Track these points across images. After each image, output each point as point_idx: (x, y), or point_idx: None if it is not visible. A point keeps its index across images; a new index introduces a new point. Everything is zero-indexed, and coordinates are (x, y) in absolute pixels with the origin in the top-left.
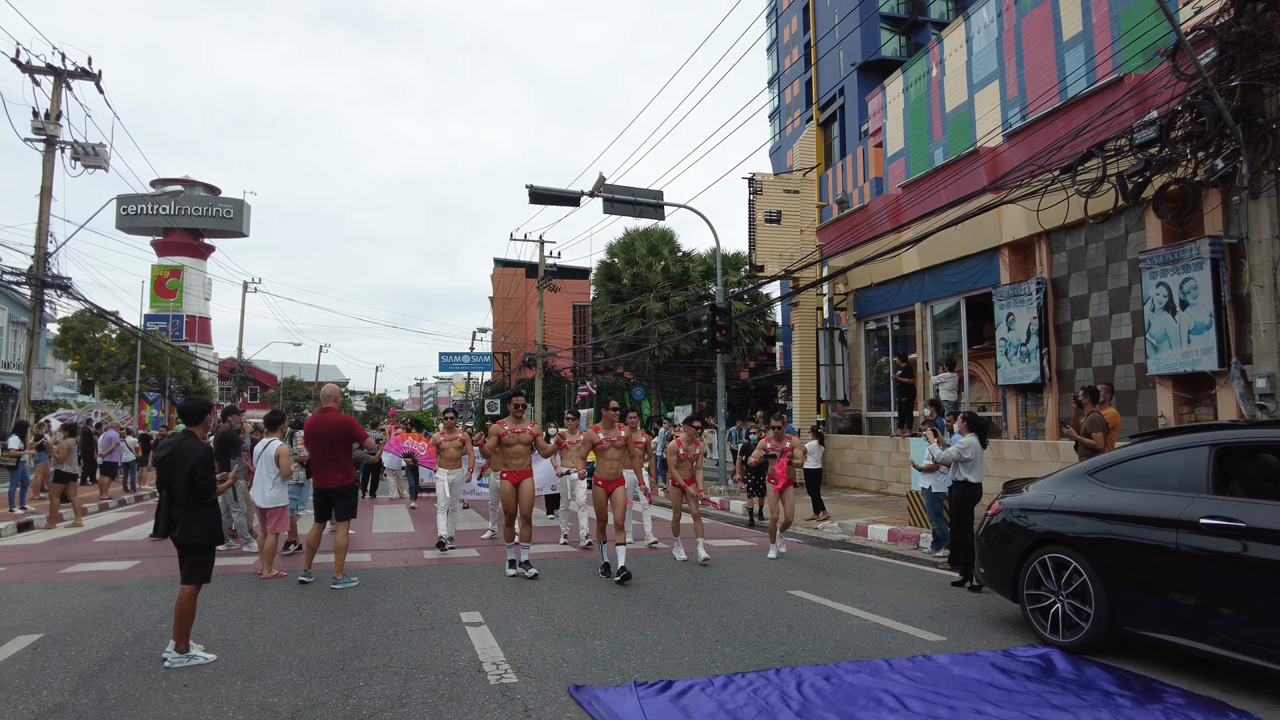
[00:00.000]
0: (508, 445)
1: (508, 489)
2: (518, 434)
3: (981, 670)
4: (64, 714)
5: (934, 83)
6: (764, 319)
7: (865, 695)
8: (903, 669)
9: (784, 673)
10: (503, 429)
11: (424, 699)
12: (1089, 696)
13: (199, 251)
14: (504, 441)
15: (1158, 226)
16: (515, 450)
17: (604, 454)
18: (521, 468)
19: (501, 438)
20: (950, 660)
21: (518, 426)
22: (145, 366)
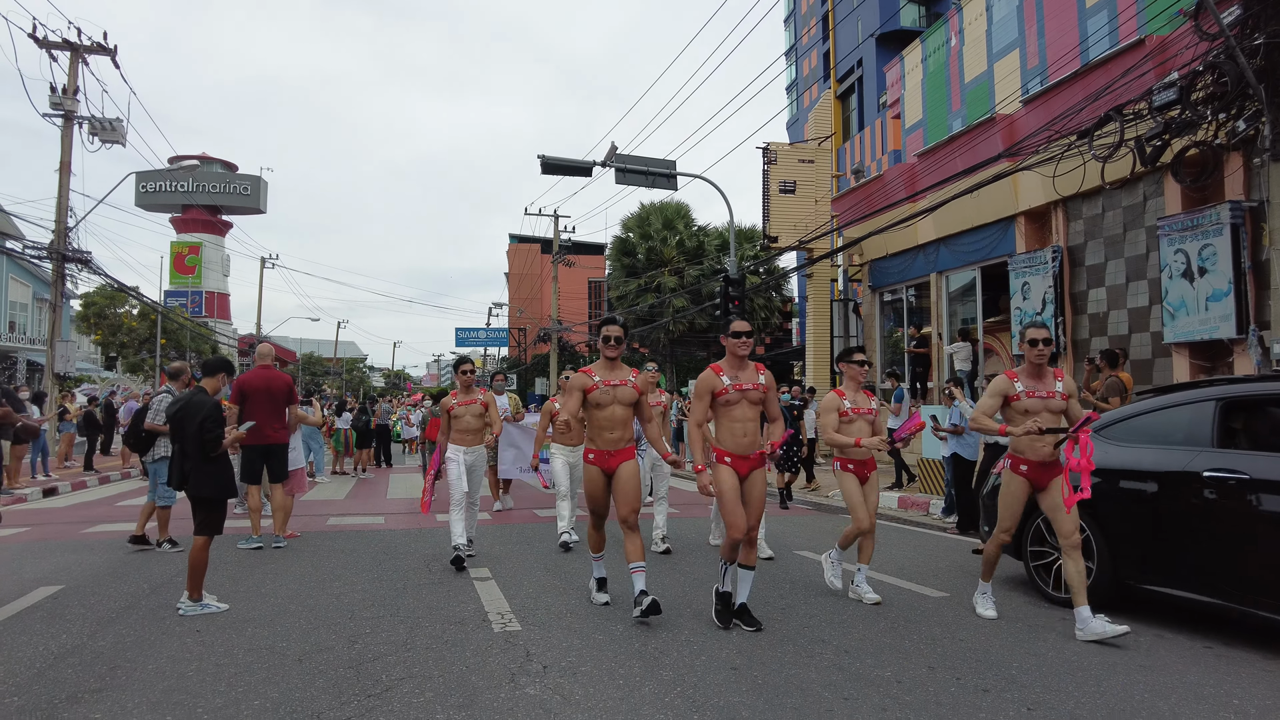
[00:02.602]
0: (599, 406)
1: (596, 478)
2: (613, 389)
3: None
4: (82, 654)
5: (953, 53)
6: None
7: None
8: None
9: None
10: (590, 380)
11: (428, 645)
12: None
13: (217, 228)
14: (593, 400)
15: (1176, 192)
16: (610, 416)
17: (599, 410)
18: (619, 444)
19: (588, 392)
20: None
21: (612, 376)
22: (165, 341)
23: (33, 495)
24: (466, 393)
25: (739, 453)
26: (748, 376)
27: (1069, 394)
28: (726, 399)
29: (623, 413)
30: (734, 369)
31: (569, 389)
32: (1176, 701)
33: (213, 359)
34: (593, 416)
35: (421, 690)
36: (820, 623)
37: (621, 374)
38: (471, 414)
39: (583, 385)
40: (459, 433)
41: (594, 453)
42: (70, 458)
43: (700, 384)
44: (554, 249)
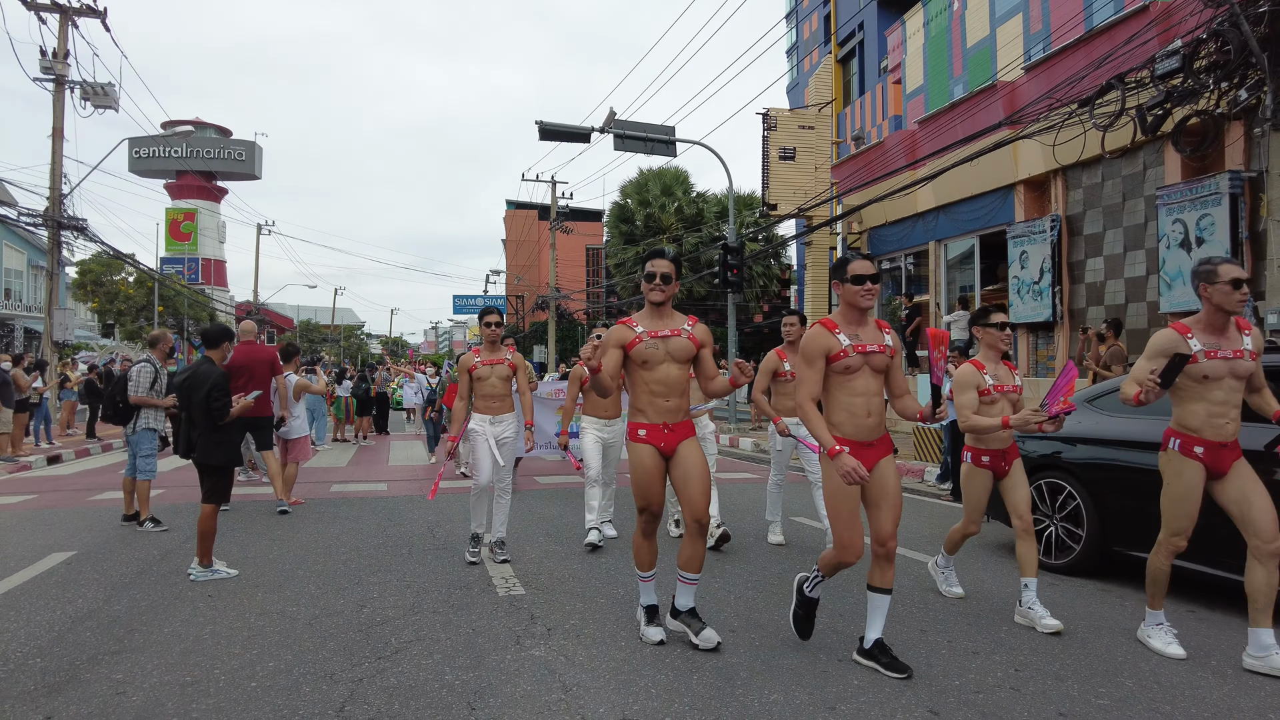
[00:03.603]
0: (646, 366)
1: (649, 463)
2: (663, 341)
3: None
4: (98, 618)
5: (955, 17)
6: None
7: None
8: None
9: None
10: (630, 332)
11: (435, 608)
12: None
13: (212, 194)
14: (637, 358)
15: (1176, 162)
16: (663, 378)
17: (648, 371)
18: (677, 414)
19: (629, 348)
20: None
21: (661, 325)
22: (163, 309)
23: (37, 463)
24: (492, 350)
25: (860, 438)
26: (871, 335)
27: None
28: (846, 364)
29: (678, 372)
30: (853, 324)
31: (604, 345)
32: (1157, 663)
33: (213, 328)
34: (639, 380)
35: (430, 652)
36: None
37: (673, 322)
38: (499, 376)
39: (621, 340)
40: (483, 399)
41: (645, 427)
42: (72, 425)
43: (810, 345)
44: (552, 216)
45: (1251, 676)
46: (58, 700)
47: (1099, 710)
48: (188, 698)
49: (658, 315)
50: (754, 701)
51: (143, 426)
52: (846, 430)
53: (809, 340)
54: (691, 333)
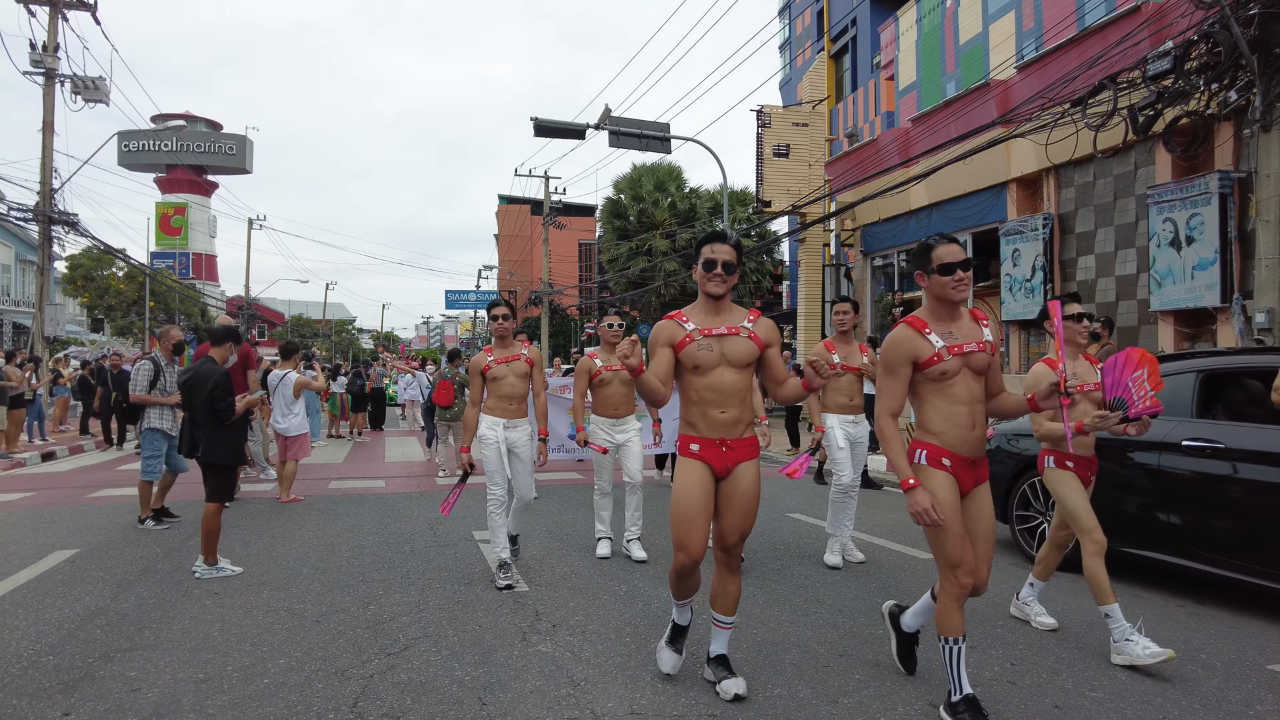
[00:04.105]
0: (699, 370)
1: (699, 484)
2: (719, 341)
3: None
4: (107, 616)
5: (948, 13)
6: (771, 256)
7: None
8: None
9: None
10: (679, 329)
11: (440, 605)
12: None
13: (202, 188)
14: (689, 361)
15: (1167, 161)
16: (718, 385)
17: (700, 376)
18: (737, 429)
19: (679, 349)
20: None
21: (717, 322)
22: (154, 304)
23: (31, 460)
24: (504, 346)
25: (965, 452)
26: (967, 332)
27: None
28: (941, 370)
29: (736, 379)
30: (944, 321)
31: (653, 344)
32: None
33: (219, 328)
34: (689, 387)
35: (438, 648)
36: (815, 583)
37: (731, 318)
38: (515, 374)
39: (670, 338)
40: (497, 399)
41: (698, 442)
42: (65, 421)
43: (892, 350)
44: (545, 211)
45: (1240, 668)
46: (74, 697)
47: (1092, 702)
48: (202, 694)
49: (713, 310)
50: (758, 696)
51: (147, 426)
52: (949, 440)
53: (893, 345)
54: (753, 330)
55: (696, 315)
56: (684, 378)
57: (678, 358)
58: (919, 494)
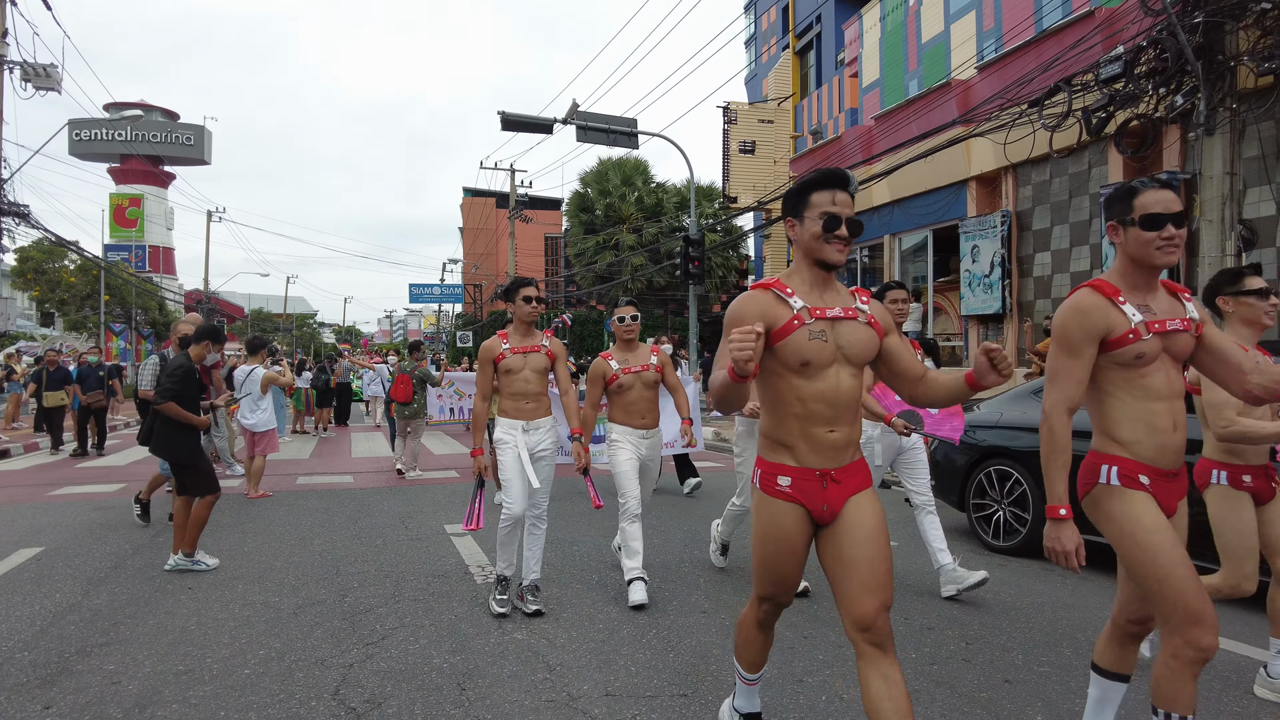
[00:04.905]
0: (803, 371)
1: (793, 528)
2: (831, 328)
3: None
4: (80, 612)
5: (910, 12)
6: (737, 251)
7: None
8: None
9: None
10: (785, 306)
11: (415, 596)
12: None
13: (159, 179)
14: (787, 355)
15: (1119, 161)
16: (826, 392)
17: (805, 380)
18: (845, 453)
19: (778, 338)
20: None
21: (827, 300)
22: (109, 298)
23: None
24: (526, 335)
25: (1164, 464)
26: (1165, 305)
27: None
28: (1138, 351)
29: (852, 385)
30: (1140, 290)
31: (733, 323)
32: (1093, 633)
33: (205, 327)
34: (784, 392)
35: (415, 638)
36: None
37: (841, 297)
38: (533, 368)
39: (767, 319)
40: (511, 398)
41: (791, 474)
42: (17, 419)
43: (1075, 322)
44: (511, 204)
45: None
46: (53, 691)
47: (1039, 676)
48: (184, 685)
49: (823, 284)
50: (727, 676)
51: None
52: (1144, 452)
53: (1077, 315)
54: (871, 314)
55: (802, 289)
56: (776, 379)
57: (772, 348)
58: (1066, 531)
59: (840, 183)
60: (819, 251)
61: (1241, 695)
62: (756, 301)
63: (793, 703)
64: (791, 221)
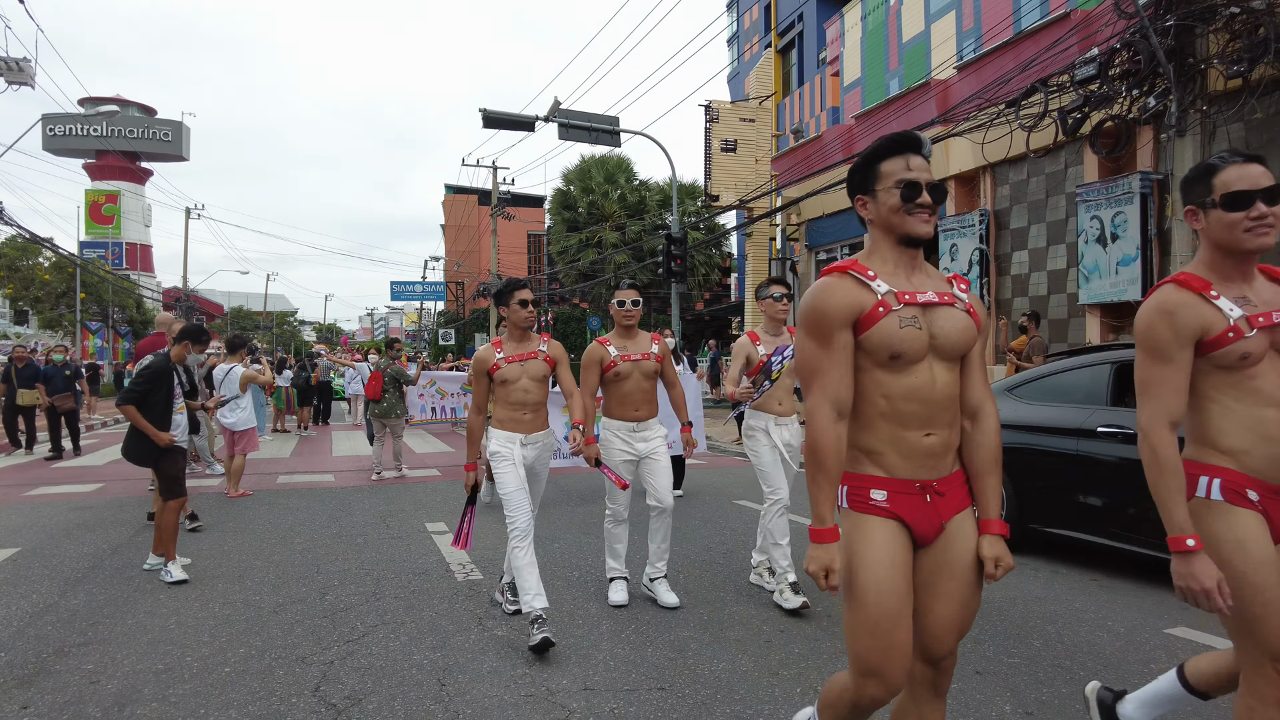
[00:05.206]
0: (900, 359)
1: (887, 554)
2: (925, 313)
3: None
4: (57, 612)
5: (891, 11)
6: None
7: None
8: None
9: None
10: (867, 292)
11: (396, 594)
12: None
13: (136, 175)
14: (878, 343)
15: (1094, 162)
16: (923, 387)
17: (892, 373)
18: (944, 462)
19: (860, 327)
20: None
21: (924, 283)
22: (85, 295)
23: None
24: (521, 340)
25: (1278, 480)
26: (1266, 294)
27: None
28: (1243, 350)
29: (949, 380)
30: (1234, 281)
31: (814, 320)
32: (1062, 625)
33: (186, 327)
34: (873, 389)
35: (396, 634)
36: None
37: (933, 280)
38: (531, 376)
39: (852, 307)
40: (508, 409)
41: (884, 485)
42: None
43: (1163, 324)
44: (493, 202)
45: (1141, 634)
46: (31, 691)
47: (1009, 668)
48: (163, 684)
49: (909, 264)
50: (704, 670)
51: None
52: (1254, 464)
53: (1160, 316)
54: (970, 303)
55: (885, 270)
56: (861, 375)
57: (857, 340)
58: (1200, 565)
59: (912, 145)
60: (901, 225)
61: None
62: (840, 291)
63: (768, 695)
64: (862, 199)
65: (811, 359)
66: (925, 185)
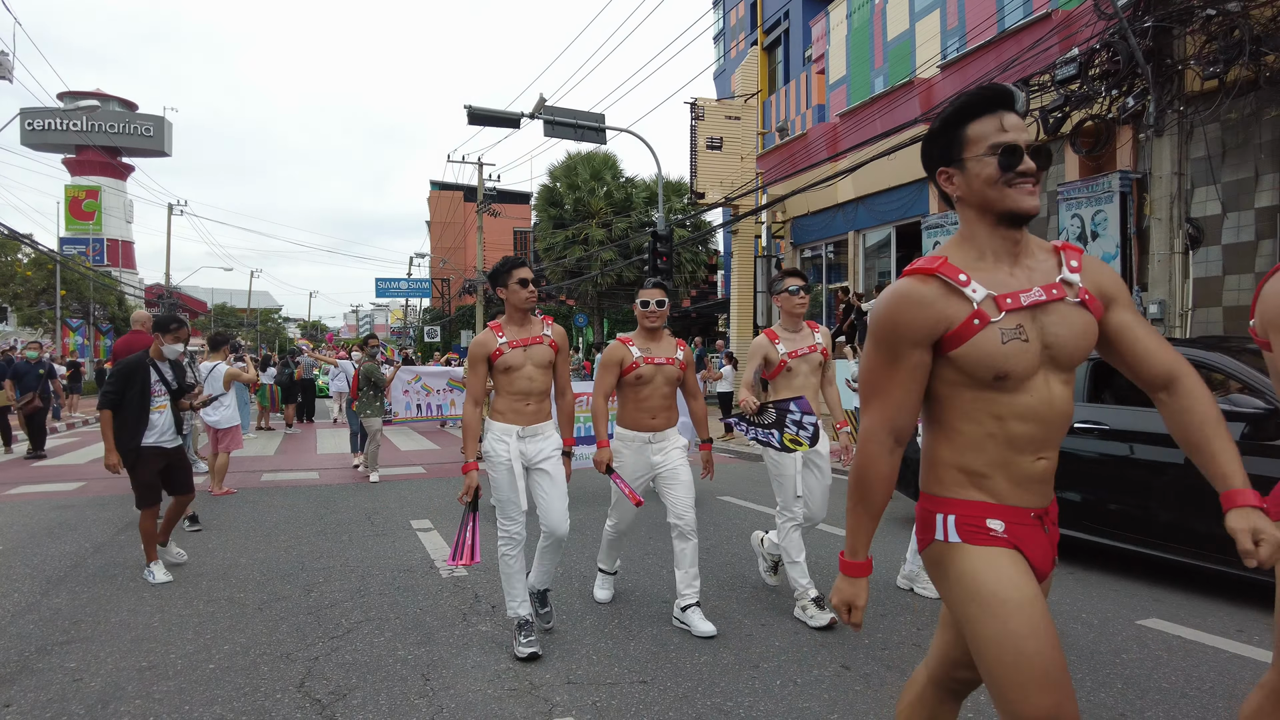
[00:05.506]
0: (1009, 379)
1: (1029, 596)
2: (1038, 313)
3: None
4: (39, 611)
5: (877, 10)
6: (706, 247)
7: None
8: None
9: None
10: (959, 300)
11: (381, 591)
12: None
13: (117, 171)
14: (978, 360)
15: (1075, 161)
16: (1041, 405)
17: (1005, 392)
18: (1049, 486)
19: (954, 340)
20: None
21: (1024, 278)
22: (65, 292)
23: None
24: (523, 325)
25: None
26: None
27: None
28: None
29: (1064, 394)
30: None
31: (884, 332)
32: None
33: (158, 318)
34: (972, 404)
35: (381, 630)
36: (740, 560)
37: (1042, 267)
38: (534, 363)
39: (930, 313)
40: (510, 399)
41: (1000, 513)
42: None
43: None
44: (479, 198)
45: (1113, 624)
46: (13, 689)
47: None
48: (147, 681)
49: (1010, 252)
50: (685, 663)
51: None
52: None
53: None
54: (1084, 286)
55: (980, 266)
56: (959, 392)
57: (946, 357)
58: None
59: (1004, 100)
60: (1000, 201)
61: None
62: (921, 302)
63: (748, 687)
64: (947, 172)
65: (875, 375)
66: (1026, 149)
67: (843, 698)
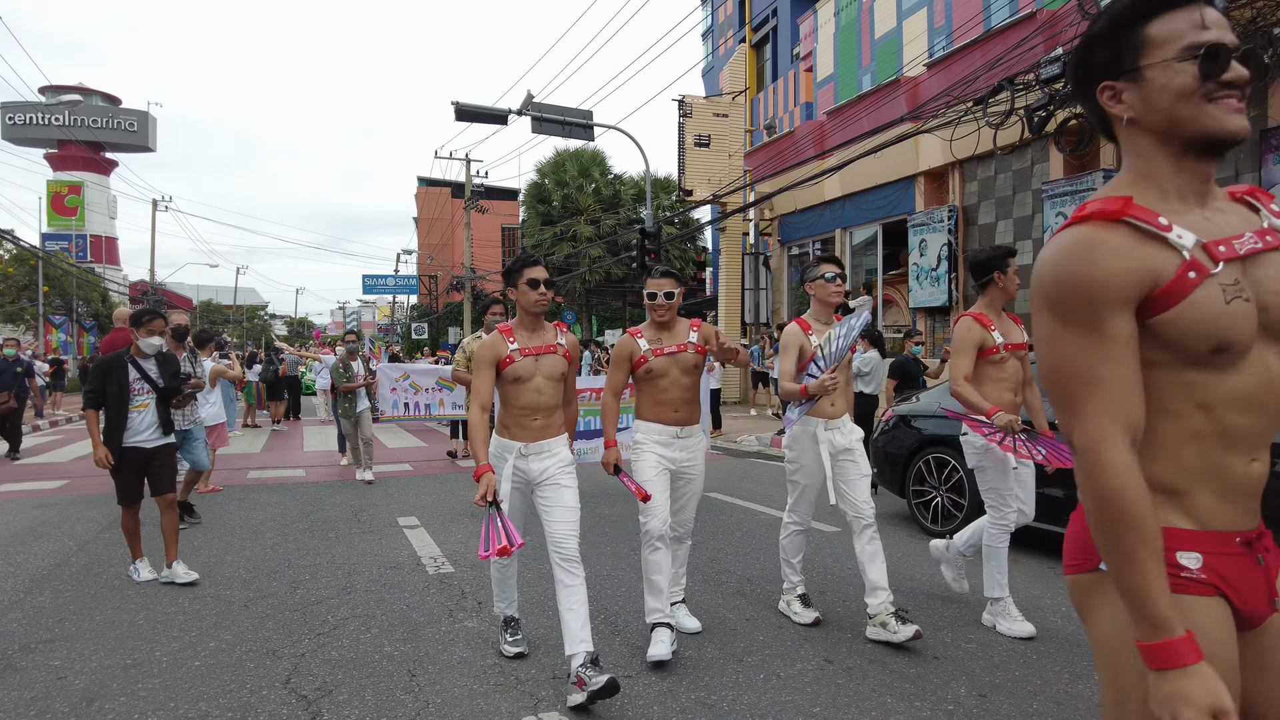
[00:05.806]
0: (1232, 349)
1: (1214, 639)
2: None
3: None
4: (22, 609)
5: (864, 8)
6: (694, 244)
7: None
8: None
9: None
10: (1178, 262)
11: (368, 588)
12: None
13: (100, 166)
14: (1183, 334)
15: (1059, 159)
16: (1270, 398)
17: (1230, 371)
18: (1257, 499)
19: (1161, 307)
20: None
21: (1229, 223)
22: (48, 289)
23: None
24: (534, 330)
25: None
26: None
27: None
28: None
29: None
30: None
31: (1079, 289)
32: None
33: (133, 312)
34: (1172, 391)
35: (367, 627)
36: (726, 555)
37: (1237, 211)
38: (546, 374)
39: (1130, 262)
40: (516, 412)
41: (1199, 542)
42: None
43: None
44: (467, 195)
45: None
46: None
47: (965, 653)
48: (132, 679)
49: (1199, 191)
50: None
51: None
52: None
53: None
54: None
55: (1172, 208)
56: (1157, 375)
57: (1147, 324)
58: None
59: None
60: (1197, 121)
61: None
62: (1117, 249)
63: (732, 681)
64: (1113, 88)
65: (1077, 361)
66: (1234, 52)
67: (825, 691)
